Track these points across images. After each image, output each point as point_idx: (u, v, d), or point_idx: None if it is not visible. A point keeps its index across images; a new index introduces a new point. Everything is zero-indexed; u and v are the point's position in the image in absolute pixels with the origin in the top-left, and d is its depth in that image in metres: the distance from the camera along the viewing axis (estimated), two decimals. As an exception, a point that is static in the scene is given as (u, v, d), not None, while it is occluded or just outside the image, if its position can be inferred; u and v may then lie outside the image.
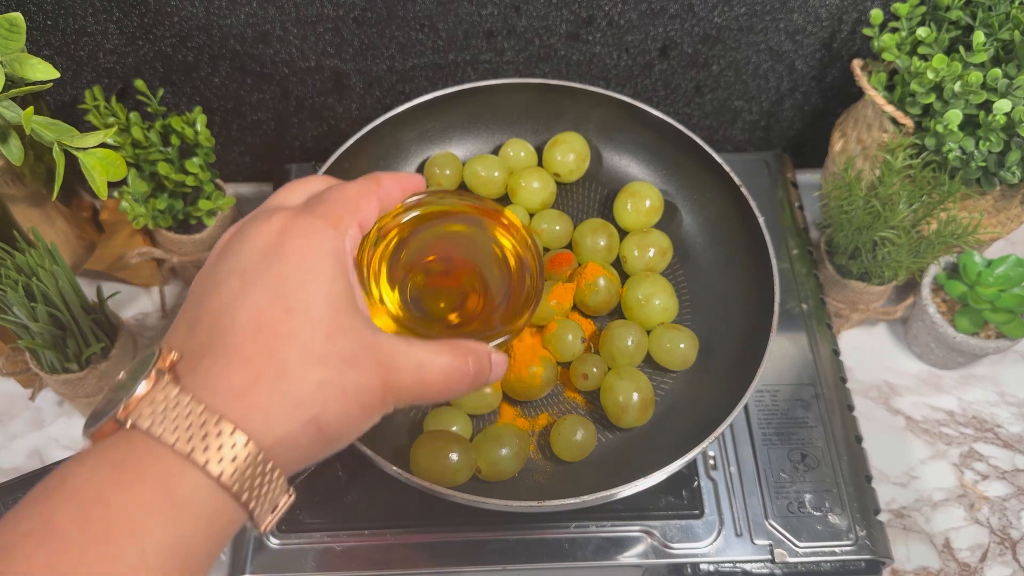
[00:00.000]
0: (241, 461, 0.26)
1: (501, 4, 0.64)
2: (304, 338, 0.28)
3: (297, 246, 0.29)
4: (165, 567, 0.24)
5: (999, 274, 0.65)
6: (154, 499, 0.24)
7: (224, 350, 0.27)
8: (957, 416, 0.70)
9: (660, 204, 0.62)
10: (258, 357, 0.27)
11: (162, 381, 0.26)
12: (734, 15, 0.66)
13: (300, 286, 0.29)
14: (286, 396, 0.27)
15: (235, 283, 0.29)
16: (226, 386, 0.26)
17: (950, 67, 0.57)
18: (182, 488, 0.25)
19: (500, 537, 0.54)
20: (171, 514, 0.25)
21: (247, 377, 0.27)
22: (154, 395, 0.26)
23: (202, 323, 0.28)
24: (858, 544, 0.55)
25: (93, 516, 0.23)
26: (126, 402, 0.26)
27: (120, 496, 0.24)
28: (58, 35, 0.63)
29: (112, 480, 0.24)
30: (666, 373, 0.58)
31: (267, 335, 0.27)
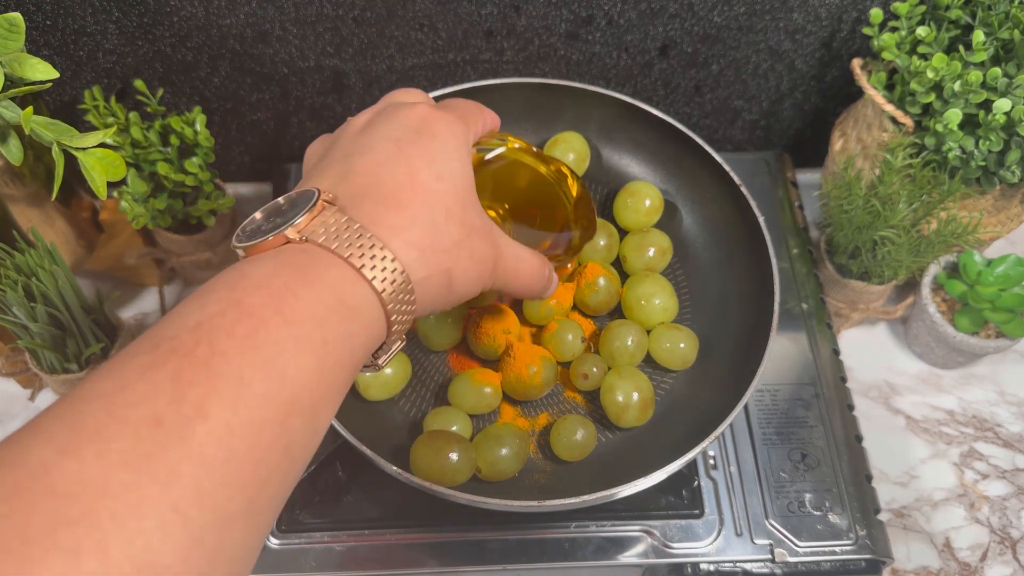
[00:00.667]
0: (397, 284, 0.30)
1: (500, 4, 0.64)
2: (448, 201, 0.33)
3: (442, 130, 0.34)
4: (340, 358, 0.28)
5: (999, 273, 0.65)
6: (332, 300, 0.28)
7: (383, 196, 0.31)
8: (957, 415, 0.70)
9: (660, 204, 0.62)
10: (413, 205, 0.32)
11: (330, 209, 0.31)
12: (734, 14, 0.66)
13: (446, 160, 0.34)
14: (434, 242, 0.32)
15: (391, 146, 0.33)
16: (387, 223, 0.31)
17: (950, 66, 0.57)
18: (353, 296, 0.29)
19: (500, 537, 0.54)
20: (345, 315, 0.28)
21: (405, 219, 0.31)
22: (325, 218, 0.30)
23: (357, 174, 0.32)
24: (858, 544, 0.55)
25: (284, 304, 0.26)
26: (295, 223, 0.30)
27: (306, 291, 0.27)
28: (57, 35, 0.63)
29: (297, 279, 0.28)
30: (666, 373, 0.58)
31: (421, 191, 0.32)
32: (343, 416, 0.48)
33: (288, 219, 0.30)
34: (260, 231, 0.31)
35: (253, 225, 0.32)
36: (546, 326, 0.57)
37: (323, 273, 0.28)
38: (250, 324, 0.25)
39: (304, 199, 0.31)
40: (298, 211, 0.30)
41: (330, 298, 0.28)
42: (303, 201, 0.31)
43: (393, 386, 0.55)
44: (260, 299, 0.26)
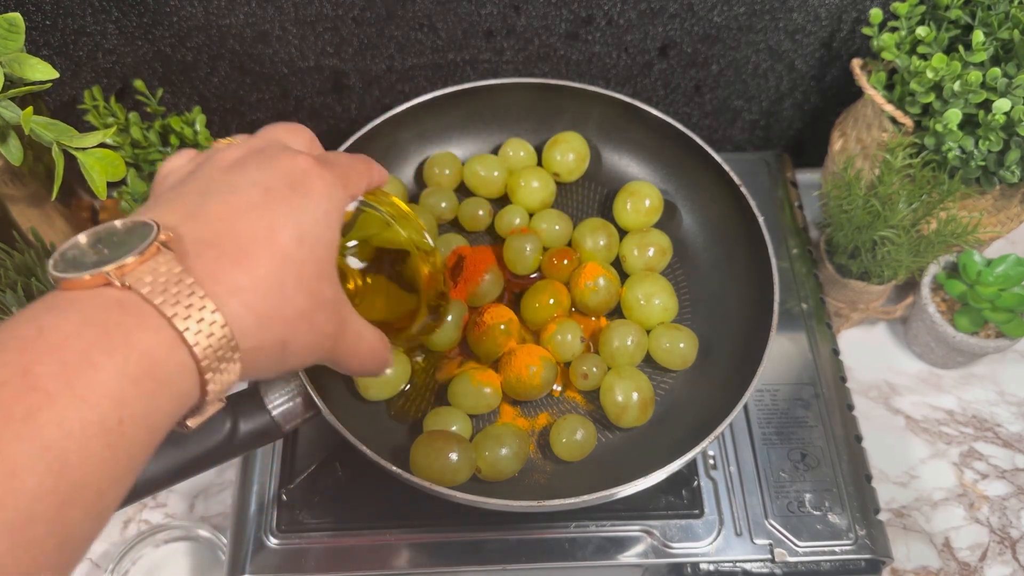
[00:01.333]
0: (221, 351, 0.27)
1: (500, 3, 0.64)
2: (304, 269, 0.30)
3: (318, 190, 0.32)
4: (137, 438, 0.25)
5: (999, 273, 0.65)
6: (138, 371, 0.25)
7: (233, 250, 0.28)
8: (957, 415, 0.70)
9: (660, 204, 0.62)
10: (263, 266, 0.29)
11: (166, 255, 0.27)
12: (733, 14, 0.66)
13: (313, 224, 0.31)
14: (276, 311, 0.29)
15: (257, 195, 0.30)
16: (228, 280, 0.28)
17: (949, 66, 0.57)
18: (165, 366, 0.26)
19: (500, 537, 0.54)
20: (151, 388, 0.25)
21: (250, 279, 0.28)
22: (156, 264, 0.27)
23: (210, 217, 0.29)
24: (858, 543, 0.55)
25: (80, 377, 0.23)
26: (122, 262, 0.26)
27: (108, 361, 0.24)
28: (57, 35, 0.63)
29: (101, 342, 0.24)
30: (666, 373, 0.58)
31: (276, 252, 0.29)
32: (343, 416, 0.48)
33: (115, 256, 0.26)
34: (80, 263, 0.27)
35: (76, 250, 0.28)
36: (546, 326, 0.57)
37: (134, 337, 0.25)
38: (33, 400, 0.22)
39: (140, 233, 0.27)
40: (128, 248, 0.26)
41: (136, 370, 0.25)
42: (138, 236, 0.27)
43: (393, 386, 0.55)
44: (52, 368, 0.23)
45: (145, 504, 0.65)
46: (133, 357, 0.25)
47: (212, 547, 0.61)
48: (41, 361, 0.23)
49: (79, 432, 0.23)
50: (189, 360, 0.26)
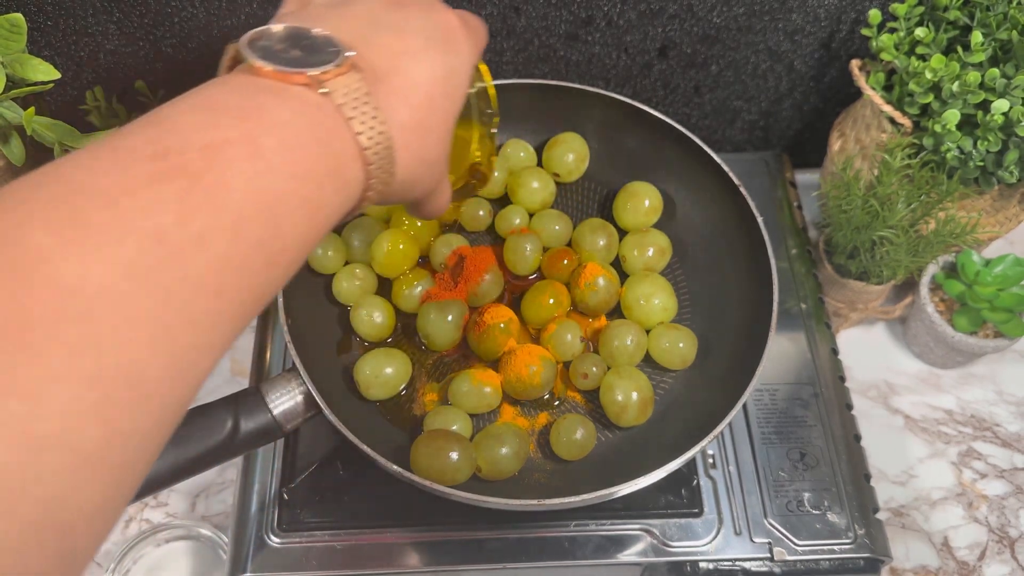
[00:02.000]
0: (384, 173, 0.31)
1: (500, 4, 0.64)
2: (445, 119, 0.34)
3: (465, 47, 0.35)
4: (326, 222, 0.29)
5: (997, 273, 0.66)
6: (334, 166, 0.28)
7: (400, 91, 0.31)
8: (956, 415, 0.70)
9: (659, 204, 0.62)
10: (421, 112, 0.32)
11: (356, 74, 0.30)
12: (733, 15, 0.66)
13: (458, 80, 0.34)
14: (422, 151, 0.33)
15: (421, 41, 0.33)
16: (397, 118, 0.31)
17: (948, 67, 0.57)
18: (351, 170, 0.29)
19: (500, 536, 0.55)
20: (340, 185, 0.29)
21: (411, 120, 0.31)
22: (349, 81, 0.29)
23: (382, 51, 0.32)
24: (857, 543, 0.55)
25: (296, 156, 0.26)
26: (322, 69, 0.29)
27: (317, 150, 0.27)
28: (59, 36, 0.63)
29: (311, 135, 0.27)
30: (665, 372, 0.58)
31: (431, 101, 0.32)
32: (344, 415, 0.49)
33: (312, 62, 0.29)
34: (277, 56, 0.29)
35: (268, 41, 0.30)
36: (546, 326, 0.57)
37: (333, 139, 0.28)
38: (259, 166, 0.25)
39: (332, 47, 0.30)
40: (325, 58, 0.29)
41: (333, 165, 0.28)
42: (330, 49, 0.30)
43: (393, 386, 0.55)
44: (274, 142, 0.26)
45: (146, 503, 0.65)
46: (331, 155, 0.28)
47: (213, 546, 0.62)
48: (267, 133, 0.26)
49: (292, 204, 0.26)
50: (363, 172, 0.30)
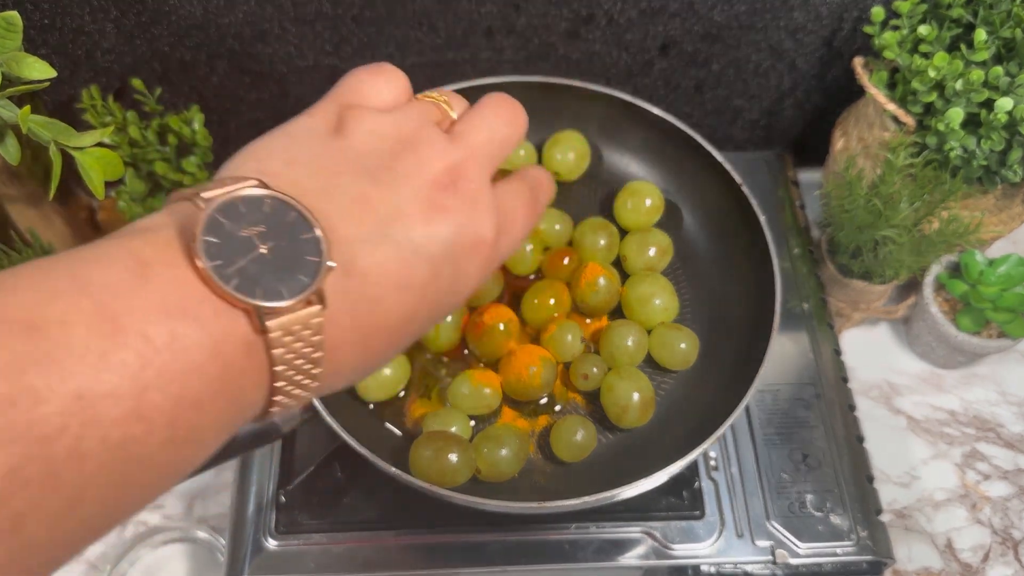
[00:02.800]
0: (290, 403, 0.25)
1: (500, 2, 0.64)
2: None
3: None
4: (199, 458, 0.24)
5: (1001, 273, 0.65)
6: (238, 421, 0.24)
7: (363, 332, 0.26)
8: (959, 416, 0.70)
9: (660, 203, 0.61)
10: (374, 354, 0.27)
11: (318, 316, 0.24)
12: (734, 13, 0.66)
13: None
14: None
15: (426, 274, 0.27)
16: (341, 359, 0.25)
17: (951, 65, 0.57)
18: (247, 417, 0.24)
19: (500, 538, 0.54)
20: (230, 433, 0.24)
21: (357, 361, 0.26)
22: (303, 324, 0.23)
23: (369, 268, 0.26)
24: (860, 545, 0.55)
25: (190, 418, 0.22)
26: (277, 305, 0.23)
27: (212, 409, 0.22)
28: (55, 34, 0.63)
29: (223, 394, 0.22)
30: (666, 373, 0.57)
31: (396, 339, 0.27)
32: (341, 417, 0.48)
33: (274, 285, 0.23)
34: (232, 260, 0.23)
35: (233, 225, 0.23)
36: (546, 326, 0.57)
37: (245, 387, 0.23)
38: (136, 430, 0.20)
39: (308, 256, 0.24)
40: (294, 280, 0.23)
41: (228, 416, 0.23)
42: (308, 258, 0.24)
43: (393, 386, 0.55)
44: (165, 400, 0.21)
45: (143, 505, 0.65)
46: (236, 410, 0.23)
47: (210, 549, 0.61)
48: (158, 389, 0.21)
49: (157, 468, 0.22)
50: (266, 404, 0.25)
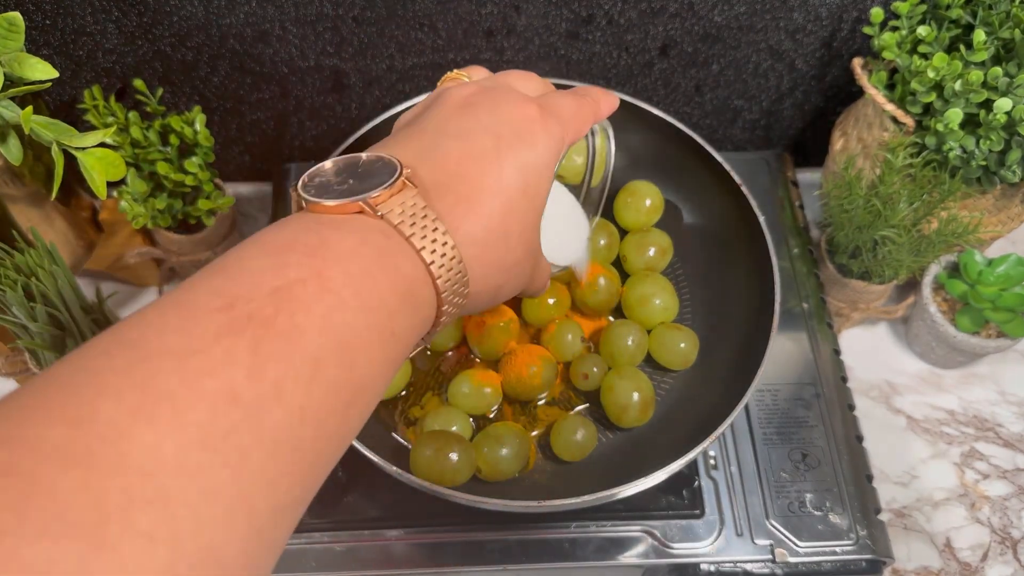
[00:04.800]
0: (456, 290, 0.30)
1: (501, 3, 0.64)
2: (526, 219, 0.32)
3: (543, 140, 0.33)
4: (403, 351, 0.28)
5: (1000, 273, 0.65)
6: (404, 291, 0.27)
7: (467, 194, 0.30)
8: (958, 415, 0.70)
9: (660, 203, 0.61)
10: (493, 215, 0.31)
11: (410, 190, 0.29)
12: (734, 14, 0.66)
13: (537, 176, 0.32)
14: (500, 260, 0.31)
15: (488, 141, 0.31)
16: (464, 227, 0.30)
17: (951, 66, 0.57)
18: (421, 292, 0.28)
19: (500, 537, 0.54)
20: (412, 310, 0.28)
21: (480, 228, 0.30)
22: (404, 198, 0.28)
23: (447, 158, 0.31)
24: (859, 544, 0.55)
25: (364, 287, 0.26)
26: (373, 195, 0.28)
27: (384, 278, 0.26)
28: (57, 34, 0.63)
29: (376, 262, 0.26)
30: (666, 373, 0.57)
31: (505, 201, 0.31)
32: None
33: (365, 188, 0.28)
34: (332, 190, 0.28)
35: (323, 177, 0.29)
36: (546, 326, 0.57)
37: (399, 261, 0.27)
38: (330, 302, 0.24)
39: (385, 169, 0.29)
40: (377, 181, 0.28)
41: (402, 289, 0.27)
42: (384, 171, 0.29)
43: (393, 386, 0.55)
44: (340, 276, 0.25)
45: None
46: (400, 279, 0.27)
47: (212, 547, 0.61)
48: (332, 267, 0.25)
49: (365, 337, 0.25)
50: (432, 290, 0.29)
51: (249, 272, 0.24)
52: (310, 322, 0.23)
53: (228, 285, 0.23)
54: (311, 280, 0.24)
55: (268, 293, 0.23)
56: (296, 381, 0.22)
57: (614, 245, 0.60)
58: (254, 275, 0.24)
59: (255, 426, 0.21)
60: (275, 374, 0.22)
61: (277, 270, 0.24)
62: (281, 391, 0.22)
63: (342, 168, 0.30)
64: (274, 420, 0.21)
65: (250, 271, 0.24)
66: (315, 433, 0.23)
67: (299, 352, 0.23)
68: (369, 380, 0.25)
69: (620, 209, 0.62)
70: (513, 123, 0.32)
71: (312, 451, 0.23)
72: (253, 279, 0.24)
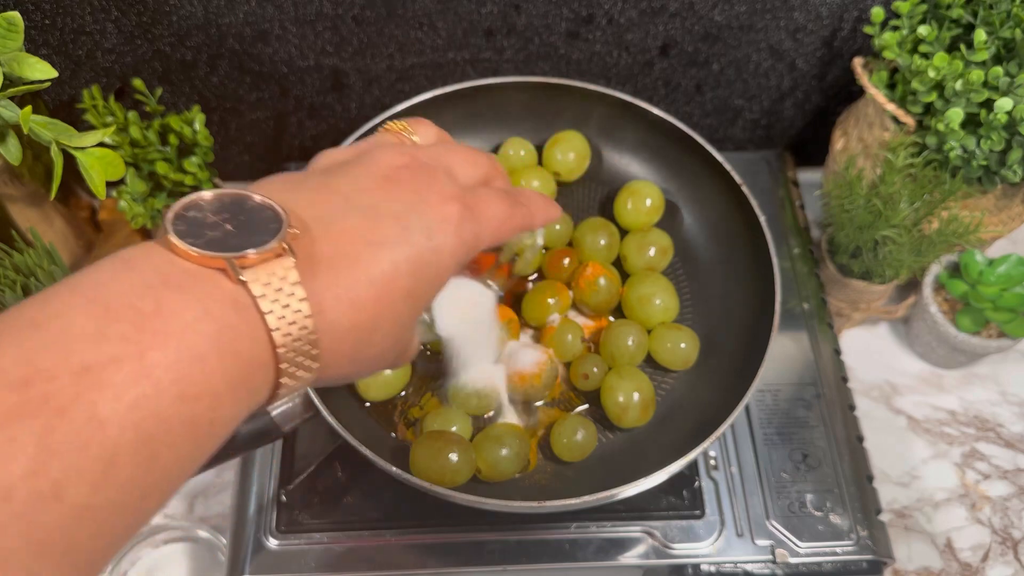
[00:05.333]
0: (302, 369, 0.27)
1: (501, 2, 0.64)
2: (404, 317, 0.29)
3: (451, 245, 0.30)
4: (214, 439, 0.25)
5: (1000, 273, 0.65)
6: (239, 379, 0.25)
7: (346, 286, 0.27)
8: (959, 415, 0.70)
9: (661, 203, 0.61)
10: (366, 313, 0.28)
11: (287, 260, 0.26)
12: (735, 13, 0.66)
13: (429, 283, 0.30)
14: (363, 353, 0.29)
15: (393, 232, 0.29)
16: (330, 317, 0.27)
17: (951, 65, 0.57)
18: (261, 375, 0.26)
19: (500, 538, 0.54)
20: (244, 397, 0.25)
21: (349, 322, 0.27)
22: (276, 269, 0.25)
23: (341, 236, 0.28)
24: (859, 544, 0.55)
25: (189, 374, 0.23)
26: (245, 255, 0.25)
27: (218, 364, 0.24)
28: (56, 34, 0.63)
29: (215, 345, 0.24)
30: (667, 373, 0.57)
31: (384, 299, 0.28)
32: (342, 417, 0.48)
33: (239, 243, 0.25)
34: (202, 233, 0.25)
35: (198, 212, 0.26)
36: (546, 326, 0.57)
37: (240, 345, 0.25)
38: (143, 389, 0.22)
39: (271, 224, 0.26)
40: (256, 240, 0.25)
41: (237, 374, 0.25)
42: (268, 227, 0.26)
43: (393, 386, 0.55)
44: (165, 359, 0.22)
45: (144, 504, 0.65)
46: (236, 364, 0.24)
47: (211, 548, 0.61)
48: (158, 348, 0.22)
49: (176, 430, 0.23)
50: (274, 374, 0.26)
51: (63, 338, 0.22)
52: (113, 414, 0.21)
53: (36, 352, 0.21)
54: (129, 361, 0.22)
55: (75, 372, 0.21)
56: (81, 480, 0.20)
57: (614, 245, 0.60)
58: (68, 342, 0.21)
59: (24, 527, 0.19)
60: (59, 472, 0.20)
61: (94, 342, 0.22)
62: (62, 491, 0.20)
63: (225, 206, 0.27)
64: (47, 522, 0.20)
65: (64, 337, 0.22)
66: (96, 531, 0.21)
67: (93, 447, 0.21)
68: (173, 473, 0.23)
69: (620, 209, 0.62)
70: (426, 219, 0.30)
71: (89, 550, 0.21)
72: (65, 348, 0.21)
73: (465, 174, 0.34)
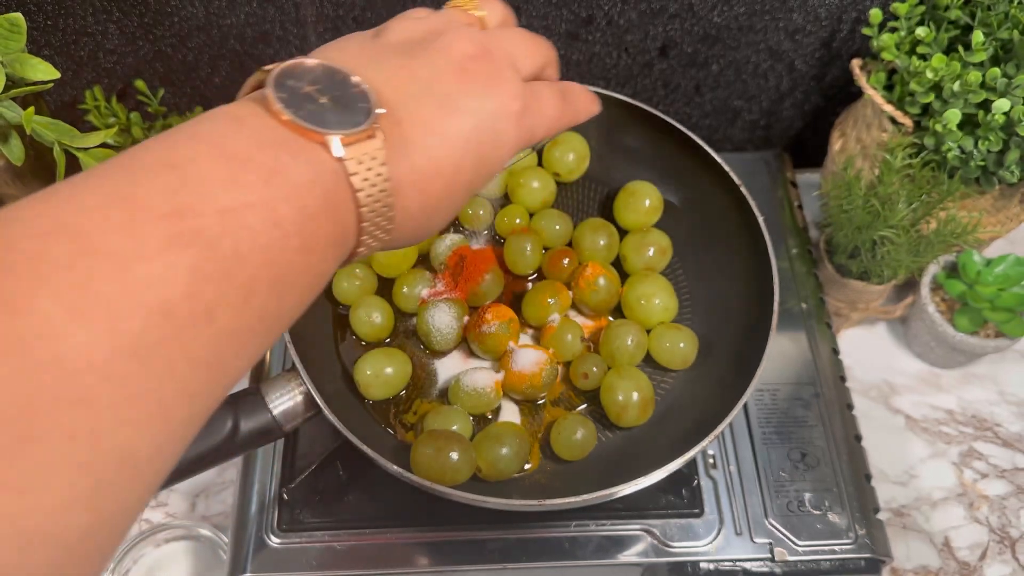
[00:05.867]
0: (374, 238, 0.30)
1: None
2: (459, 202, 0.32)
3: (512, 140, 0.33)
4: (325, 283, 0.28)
5: (998, 273, 0.65)
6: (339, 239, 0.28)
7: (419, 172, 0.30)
8: (957, 415, 0.70)
9: (660, 203, 0.62)
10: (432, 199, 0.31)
11: (378, 141, 0.28)
12: (734, 14, 0.66)
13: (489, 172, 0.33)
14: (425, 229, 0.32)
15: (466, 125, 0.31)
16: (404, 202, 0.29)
17: (949, 66, 0.57)
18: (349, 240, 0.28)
19: (500, 536, 0.54)
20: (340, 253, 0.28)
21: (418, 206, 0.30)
22: (368, 149, 0.28)
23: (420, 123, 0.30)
24: (858, 543, 0.55)
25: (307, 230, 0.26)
26: (346, 133, 0.27)
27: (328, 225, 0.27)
28: (58, 35, 0.63)
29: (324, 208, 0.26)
30: (666, 372, 0.58)
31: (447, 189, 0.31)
32: (344, 415, 0.48)
33: (337, 120, 0.27)
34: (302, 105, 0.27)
35: (299, 81, 0.28)
36: (546, 326, 0.57)
37: (341, 209, 0.27)
38: (274, 237, 0.24)
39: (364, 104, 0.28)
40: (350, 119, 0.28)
41: (339, 236, 0.28)
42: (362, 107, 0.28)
43: (394, 386, 0.55)
44: (291, 211, 0.25)
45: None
46: (338, 227, 0.27)
47: (213, 546, 0.62)
48: (283, 203, 0.25)
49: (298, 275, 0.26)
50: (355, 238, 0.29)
51: (200, 178, 0.24)
52: (251, 252, 0.24)
53: (179, 188, 0.23)
54: (261, 209, 0.24)
55: (218, 211, 0.23)
56: (228, 307, 0.23)
57: (614, 245, 0.60)
58: (205, 184, 0.24)
59: (184, 343, 0.22)
60: (210, 297, 0.22)
61: (229, 187, 0.24)
62: (212, 315, 0.22)
63: (323, 78, 0.28)
64: (202, 339, 0.22)
65: (201, 177, 0.24)
66: (237, 352, 0.24)
67: (237, 279, 0.23)
68: (289, 311, 0.26)
69: (620, 209, 0.62)
70: (494, 112, 0.32)
71: (233, 368, 0.24)
72: (204, 189, 0.23)
73: (526, 65, 0.36)
